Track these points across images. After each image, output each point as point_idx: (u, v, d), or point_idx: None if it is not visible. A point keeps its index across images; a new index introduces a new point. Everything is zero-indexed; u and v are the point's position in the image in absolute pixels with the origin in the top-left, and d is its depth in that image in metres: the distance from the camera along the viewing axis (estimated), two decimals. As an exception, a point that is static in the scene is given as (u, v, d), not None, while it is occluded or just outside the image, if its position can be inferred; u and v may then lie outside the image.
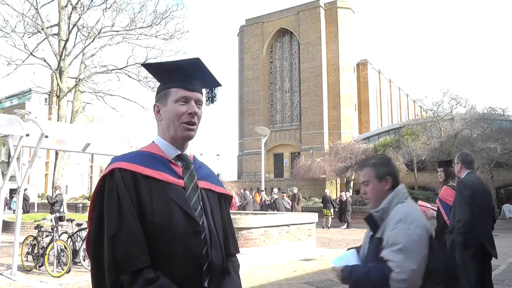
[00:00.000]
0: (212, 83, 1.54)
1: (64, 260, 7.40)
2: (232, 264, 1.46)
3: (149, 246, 1.25)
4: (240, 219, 9.46)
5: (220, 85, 1.55)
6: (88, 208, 1.37)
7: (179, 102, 1.40)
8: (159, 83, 1.49)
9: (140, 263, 1.22)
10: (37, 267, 7.64)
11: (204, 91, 1.53)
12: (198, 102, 1.43)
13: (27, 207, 21.36)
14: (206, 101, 1.55)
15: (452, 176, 4.58)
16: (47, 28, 19.84)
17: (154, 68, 1.54)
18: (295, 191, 20.94)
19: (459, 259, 3.95)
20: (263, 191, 21.67)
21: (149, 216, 1.27)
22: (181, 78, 1.42)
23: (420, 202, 5.50)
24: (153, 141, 1.46)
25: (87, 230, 6.28)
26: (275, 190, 21.78)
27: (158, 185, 1.32)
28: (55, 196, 12.92)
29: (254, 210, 16.63)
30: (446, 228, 4.29)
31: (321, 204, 20.78)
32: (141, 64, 1.58)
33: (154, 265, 1.24)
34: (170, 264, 1.27)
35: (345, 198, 20.20)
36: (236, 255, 1.53)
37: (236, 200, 18.11)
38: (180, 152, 1.43)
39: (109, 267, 1.22)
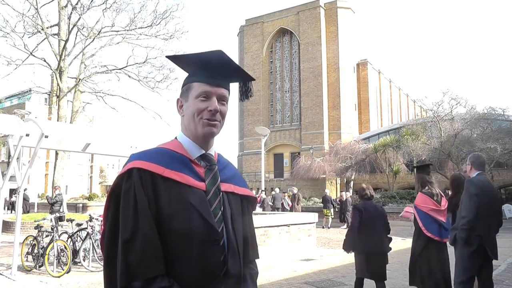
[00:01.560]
0: (242, 77, 1.45)
1: (64, 260, 7.40)
2: (249, 271, 1.39)
3: (164, 252, 1.20)
4: (240, 219, 9.44)
5: (253, 79, 1.47)
6: (104, 206, 1.32)
7: (199, 97, 1.32)
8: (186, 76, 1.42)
9: (154, 271, 1.17)
10: (37, 267, 7.63)
11: (237, 85, 1.46)
12: (222, 98, 1.35)
13: (27, 207, 21.37)
14: (240, 96, 1.48)
15: (425, 182, 4.60)
16: (47, 28, 19.85)
17: (178, 60, 1.43)
18: (295, 191, 20.93)
19: (457, 255, 4.04)
20: (263, 191, 21.69)
21: (167, 221, 1.22)
22: (203, 72, 1.34)
23: (407, 208, 5.58)
24: (175, 137, 1.40)
25: (87, 230, 6.31)
26: (277, 190, 21.75)
27: (177, 188, 1.26)
28: (55, 196, 12.93)
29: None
30: (421, 233, 4.43)
31: (321, 204, 20.78)
32: (166, 56, 1.51)
33: (168, 272, 1.20)
34: (186, 271, 1.22)
35: (345, 198, 20.20)
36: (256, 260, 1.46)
37: None
38: (204, 152, 1.36)
39: (121, 272, 1.17)
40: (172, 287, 1.18)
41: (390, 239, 4.95)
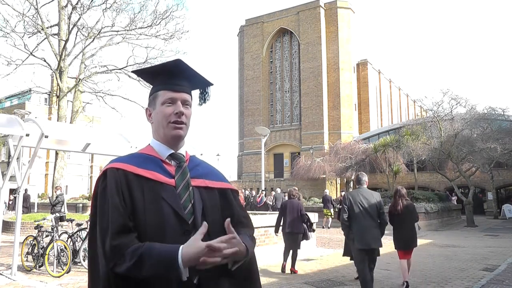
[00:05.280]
0: (201, 83, 1.56)
1: (64, 260, 7.41)
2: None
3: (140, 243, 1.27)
4: (240, 219, 9.40)
5: (210, 84, 1.57)
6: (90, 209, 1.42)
7: (166, 103, 1.43)
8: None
9: (132, 243, 1.24)
10: (37, 267, 7.64)
11: (197, 92, 1.57)
12: (185, 103, 1.46)
13: (32, 207, 21.44)
14: (199, 101, 1.59)
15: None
16: (47, 28, 19.86)
17: (142, 73, 1.57)
18: (295, 191, 20.91)
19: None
20: (263, 191, 21.70)
21: (141, 215, 1.30)
22: (166, 80, 1.45)
23: None
24: (149, 144, 1.50)
25: (87, 230, 6.32)
26: (278, 190, 21.74)
27: (149, 184, 1.35)
28: (56, 197, 12.93)
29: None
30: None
31: (321, 204, 20.79)
32: (132, 71, 1.59)
33: None
34: None
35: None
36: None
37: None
38: (173, 151, 1.45)
39: (103, 252, 1.23)
40: (143, 246, 1.22)
41: (306, 224, 8.07)
